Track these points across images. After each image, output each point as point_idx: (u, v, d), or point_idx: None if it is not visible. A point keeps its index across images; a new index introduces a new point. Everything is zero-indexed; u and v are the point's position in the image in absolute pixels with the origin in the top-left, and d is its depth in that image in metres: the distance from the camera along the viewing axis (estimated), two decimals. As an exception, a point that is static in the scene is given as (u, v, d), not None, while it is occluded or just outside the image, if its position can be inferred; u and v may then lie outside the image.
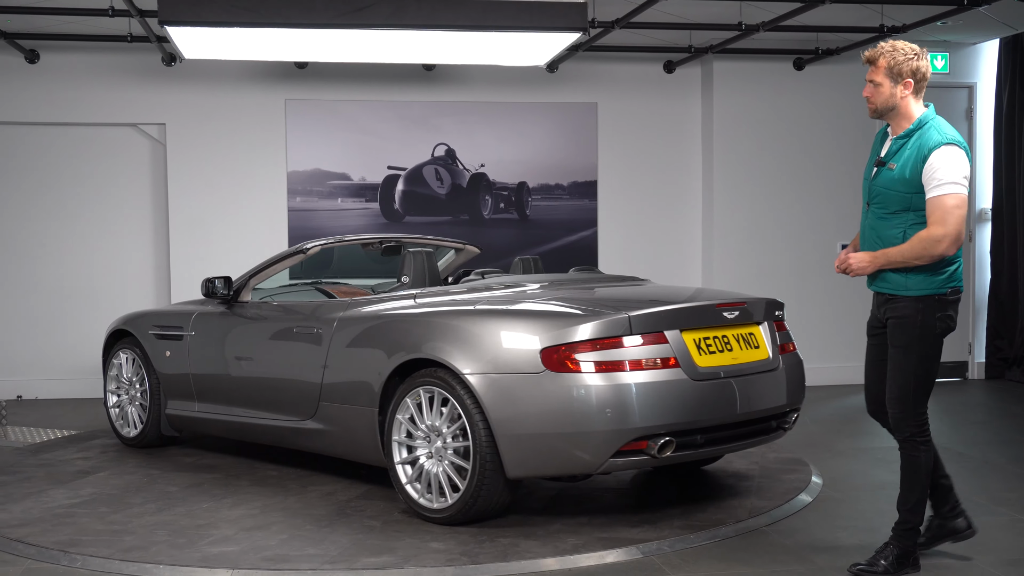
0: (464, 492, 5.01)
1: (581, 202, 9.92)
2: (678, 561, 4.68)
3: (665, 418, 4.87)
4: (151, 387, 6.93)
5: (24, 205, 9.38)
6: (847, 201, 9.91)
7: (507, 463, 4.94)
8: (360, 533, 5.07)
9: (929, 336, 4.32)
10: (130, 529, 5.17)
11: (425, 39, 7.16)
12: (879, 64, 4.33)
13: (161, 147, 9.46)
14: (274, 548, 4.86)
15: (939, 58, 9.94)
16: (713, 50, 9.24)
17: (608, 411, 4.78)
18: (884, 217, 4.35)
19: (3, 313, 9.34)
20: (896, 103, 4.32)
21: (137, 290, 9.46)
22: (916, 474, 4.42)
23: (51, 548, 4.85)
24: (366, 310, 5.73)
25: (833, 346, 9.89)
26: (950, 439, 7.35)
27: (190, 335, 6.69)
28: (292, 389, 5.97)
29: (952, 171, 4.20)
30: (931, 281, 4.28)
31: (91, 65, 9.22)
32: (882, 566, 4.41)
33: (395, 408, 5.29)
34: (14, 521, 5.31)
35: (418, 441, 5.23)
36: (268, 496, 5.82)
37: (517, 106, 9.79)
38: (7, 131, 9.32)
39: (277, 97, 9.46)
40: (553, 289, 5.70)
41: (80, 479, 6.22)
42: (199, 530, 5.15)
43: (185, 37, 7.07)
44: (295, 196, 9.49)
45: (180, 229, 9.36)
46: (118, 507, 5.59)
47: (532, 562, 4.62)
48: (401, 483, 5.29)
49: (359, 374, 5.56)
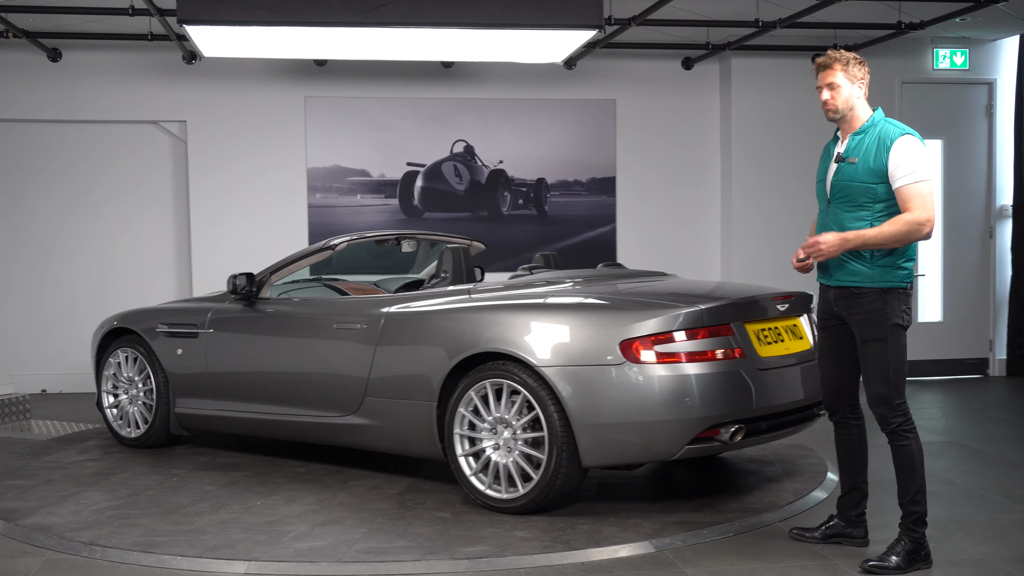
0: (539, 481, 5.11)
1: (599, 198, 9.93)
2: (691, 556, 4.69)
3: (736, 406, 5.07)
4: (158, 386, 6.77)
5: (47, 202, 9.48)
6: (866, 197, 9.89)
7: (583, 452, 5.06)
8: (437, 525, 5.13)
9: (899, 327, 4.44)
10: (200, 528, 5.10)
11: (442, 37, 7.20)
12: (835, 68, 4.54)
13: (182, 144, 9.54)
14: (362, 541, 4.87)
15: (959, 54, 9.90)
16: (731, 47, 9.24)
17: (687, 400, 4.95)
18: (849, 211, 4.47)
19: (29, 309, 9.44)
20: (853, 103, 4.52)
21: (159, 286, 9.54)
22: (911, 464, 4.50)
23: (132, 549, 4.78)
24: (416, 306, 5.77)
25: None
26: (968, 436, 7.33)
27: (207, 332, 6.59)
28: (333, 385, 5.96)
29: (920, 160, 4.36)
30: (895, 274, 4.42)
31: (113, 63, 9.31)
32: (894, 562, 4.43)
33: (457, 401, 5.37)
34: (73, 524, 5.17)
35: (483, 433, 5.31)
36: (314, 492, 5.80)
37: (536, 103, 9.81)
38: (30, 129, 9.43)
39: (297, 94, 9.53)
40: (592, 284, 5.79)
41: (103, 480, 6.10)
42: (272, 527, 5.11)
43: (204, 36, 7.14)
44: (315, 192, 9.55)
45: (201, 225, 9.44)
46: (169, 507, 5.49)
47: (612, 548, 4.75)
48: (465, 475, 5.36)
49: (415, 369, 5.59)
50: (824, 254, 4.41)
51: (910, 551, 4.46)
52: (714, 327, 5.10)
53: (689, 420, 4.96)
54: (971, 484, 5.98)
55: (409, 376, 5.62)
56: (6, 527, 5.12)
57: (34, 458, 6.71)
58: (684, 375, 4.96)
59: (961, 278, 10.10)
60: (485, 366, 5.32)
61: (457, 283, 5.97)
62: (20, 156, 9.46)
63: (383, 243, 6.98)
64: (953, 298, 10.10)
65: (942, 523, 5.15)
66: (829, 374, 4.77)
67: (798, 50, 9.66)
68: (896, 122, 4.49)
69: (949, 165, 10.06)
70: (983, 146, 10.10)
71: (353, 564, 4.58)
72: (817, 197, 4.69)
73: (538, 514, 5.21)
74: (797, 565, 4.55)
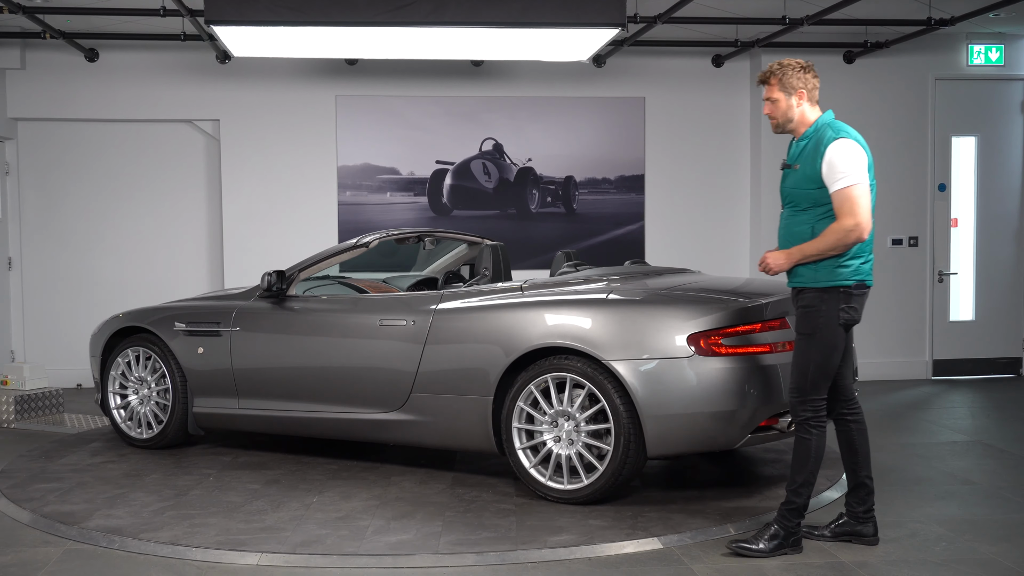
0: (604, 472, 5.28)
1: (628, 196, 9.95)
2: (698, 552, 4.72)
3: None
4: (174, 385, 6.66)
5: (84, 200, 9.67)
6: (899, 195, 9.83)
7: (650, 443, 5.22)
8: (508, 516, 5.24)
9: (831, 325, 4.55)
10: (277, 526, 5.10)
11: (468, 35, 7.26)
12: (772, 83, 4.70)
13: (215, 142, 9.68)
14: (445, 534, 4.96)
15: (994, 50, 9.79)
16: (760, 44, 9.20)
17: (752, 391, 5.16)
18: (795, 215, 4.65)
19: (64, 305, 9.64)
20: (793, 115, 4.67)
21: (191, 282, 9.70)
22: (806, 457, 4.62)
23: (221, 548, 4.75)
24: (467, 302, 5.85)
25: (882, 342, 9.82)
26: (994, 436, 7.28)
27: (233, 331, 6.52)
28: (377, 381, 5.99)
29: (850, 163, 4.47)
30: (837, 273, 4.52)
31: (148, 63, 9.47)
32: (760, 546, 4.60)
33: (516, 395, 5.50)
34: (140, 526, 5.11)
35: (543, 426, 5.45)
36: (363, 488, 5.86)
37: (565, 100, 9.85)
38: (68, 128, 9.62)
39: (328, 93, 9.63)
40: (630, 280, 5.90)
41: (137, 481, 6.02)
42: (345, 523, 5.15)
43: (232, 36, 7.25)
44: (345, 190, 9.66)
45: (233, 222, 9.57)
46: (229, 507, 5.45)
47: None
48: (525, 468, 5.51)
49: (469, 364, 5.69)
50: (773, 270, 4.62)
51: (777, 536, 4.63)
52: (770, 321, 5.36)
53: (753, 410, 5.18)
54: (990, 483, 5.95)
55: (463, 371, 5.72)
56: (70, 531, 5.10)
57: (48, 460, 6.60)
58: (748, 367, 5.18)
59: (994, 276, 10.00)
60: (545, 361, 5.46)
61: (496, 280, 6.16)
62: (57, 155, 9.65)
63: (404, 241, 7.04)
64: (985, 297, 10.00)
65: (955, 522, 5.14)
66: None
67: (829, 47, 9.61)
68: (839, 125, 4.61)
69: (983, 162, 9.96)
70: (1018, 143, 9.99)
71: (453, 556, 4.66)
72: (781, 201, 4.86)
73: (595, 504, 5.37)
74: (804, 563, 4.56)
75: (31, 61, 9.39)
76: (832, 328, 4.55)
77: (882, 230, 9.85)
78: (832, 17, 8.24)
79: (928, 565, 4.50)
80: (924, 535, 4.94)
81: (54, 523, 5.19)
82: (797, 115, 4.67)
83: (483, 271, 6.21)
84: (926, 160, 9.90)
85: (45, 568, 4.57)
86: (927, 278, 9.94)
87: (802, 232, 4.60)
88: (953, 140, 9.95)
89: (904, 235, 9.90)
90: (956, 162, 9.97)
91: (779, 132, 4.72)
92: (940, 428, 7.58)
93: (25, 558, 4.72)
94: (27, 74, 9.39)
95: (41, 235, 9.68)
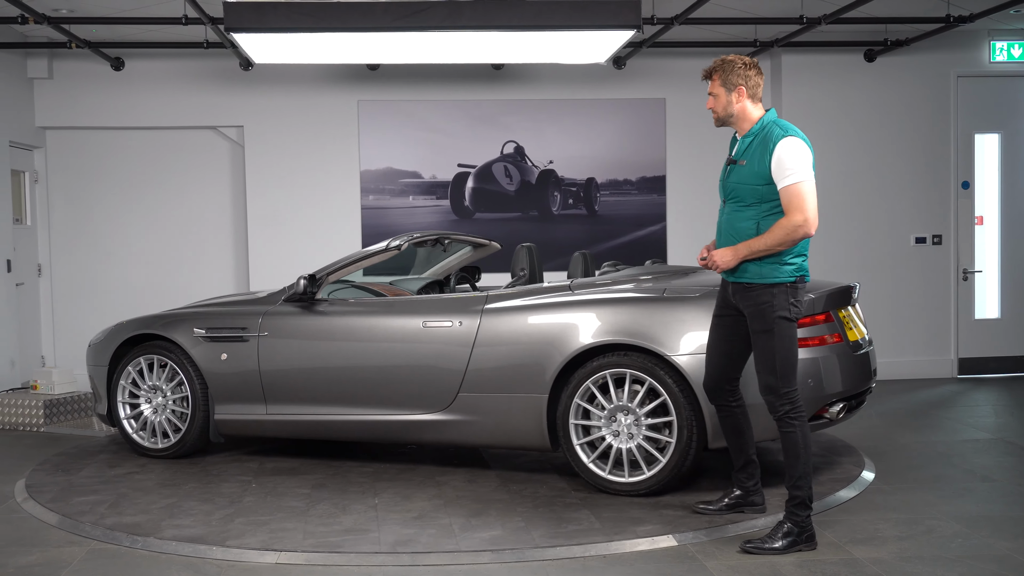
0: (667, 464, 5.46)
1: (650, 197, 9.97)
2: (713, 550, 4.74)
3: (841, 386, 5.58)
4: (194, 392, 6.52)
5: (111, 207, 9.82)
6: (922, 194, 9.79)
7: (712, 434, 5.42)
8: (582, 509, 5.36)
9: (786, 319, 4.67)
10: (356, 528, 5.10)
11: (486, 39, 7.31)
12: (714, 78, 4.84)
13: (240, 148, 9.79)
14: (532, 529, 5.04)
15: (1016, 47, 9.74)
16: (780, 43, 9.20)
17: (810, 381, 5.36)
18: (739, 210, 4.76)
19: (93, 310, 9.76)
20: (733, 110, 4.80)
21: (217, 286, 9.79)
22: (796, 449, 4.68)
23: (319, 551, 4.74)
24: (516, 303, 5.95)
25: (907, 341, 9.78)
26: (1016, 433, 7.24)
27: (260, 336, 6.45)
28: (421, 383, 6.02)
29: (798, 161, 4.58)
30: (781, 270, 4.67)
31: (173, 71, 9.60)
32: (775, 544, 4.64)
33: (573, 392, 5.64)
34: (219, 535, 5.02)
35: (601, 421, 5.59)
36: (415, 488, 5.87)
37: (585, 103, 9.88)
38: (95, 136, 9.76)
39: (350, 98, 9.72)
40: (675, 279, 6.07)
41: (177, 489, 5.92)
42: (425, 521, 5.19)
43: (252, 43, 7.33)
44: (368, 194, 9.73)
45: (258, 227, 9.67)
46: (295, 512, 5.42)
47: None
48: (584, 462, 5.63)
49: (523, 363, 5.78)
50: (720, 267, 4.73)
51: (791, 533, 4.66)
52: (822, 314, 5.57)
53: (810, 400, 5.37)
54: (1010, 481, 5.93)
55: (517, 370, 5.80)
56: (94, 530, 5.15)
57: (65, 473, 6.42)
58: (807, 358, 5.35)
59: (1019, 274, 9.93)
60: (603, 357, 5.59)
61: (532, 280, 6.37)
62: (84, 162, 9.80)
63: (424, 244, 7.10)
64: (1011, 294, 9.94)
65: (973, 518, 5.13)
66: (716, 362, 5.04)
67: (849, 46, 9.60)
68: (784, 123, 4.72)
69: (1006, 159, 9.90)
70: (1042, 140, 9.93)
71: (558, 548, 4.73)
72: (719, 196, 4.96)
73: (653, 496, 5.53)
74: (818, 559, 4.57)
75: (58, 71, 9.54)
76: (785, 321, 4.67)
77: (905, 228, 9.83)
78: (850, 16, 8.22)
79: (943, 561, 4.50)
80: (940, 531, 4.94)
81: (79, 523, 5.28)
82: (737, 110, 4.78)
83: (520, 272, 6.39)
84: (949, 158, 9.85)
85: (69, 567, 4.66)
86: (951, 276, 9.89)
87: (747, 228, 4.72)
88: (976, 137, 9.89)
89: (928, 233, 9.86)
90: (980, 159, 9.91)
91: (720, 126, 4.89)
92: (963, 426, 7.55)
93: (49, 557, 4.82)
94: (55, 83, 9.54)
95: (70, 242, 9.82)
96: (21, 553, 4.88)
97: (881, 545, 4.74)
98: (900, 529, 4.96)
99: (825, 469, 6.14)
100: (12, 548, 4.97)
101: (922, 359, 9.84)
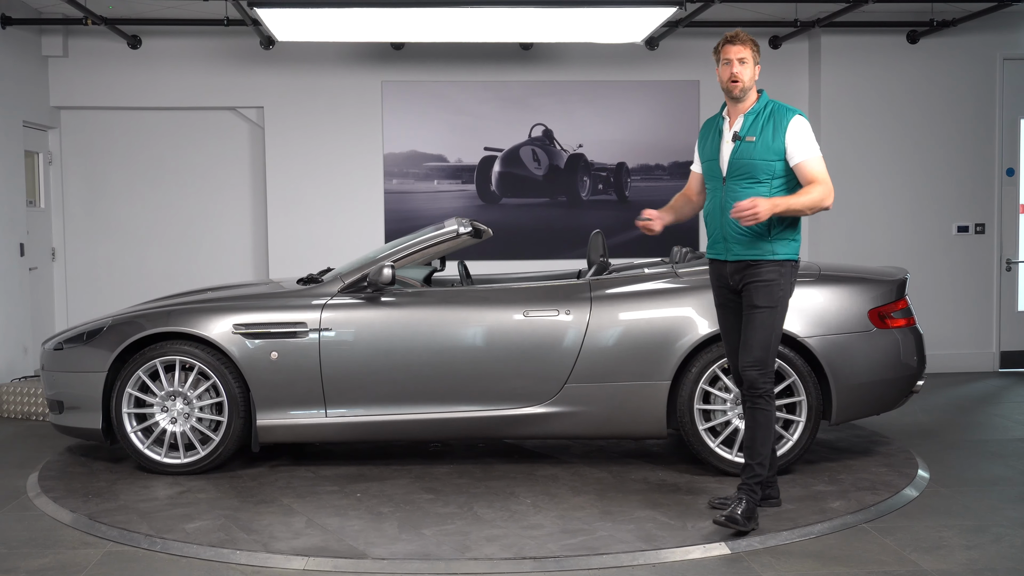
0: (796, 443, 5.70)
1: (682, 182, 9.57)
2: (769, 559, 4.45)
3: (924, 364, 6.03)
4: (231, 398, 5.81)
5: (127, 189, 9.55)
6: (965, 181, 9.46)
7: (836, 411, 5.73)
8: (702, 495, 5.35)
9: (788, 297, 4.82)
10: (502, 536, 4.78)
11: (519, 17, 7.01)
12: (747, 46, 4.78)
13: (259, 130, 9.51)
14: (678, 520, 4.94)
15: (1065, 28, 9.38)
16: (820, 24, 8.86)
17: (914, 358, 5.90)
18: (749, 187, 4.73)
19: (108, 294, 9.50)
20: (752, 84, 4.83)
21: (235, 270, 9.54)
22: (768, 428, 4.80)
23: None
24: (627, 288, 5.92)
25: (947, 333, 9.46)
26: (1071, 432, 6.95)
27: (323, 333, 5.85)
28: (524, 375, 5.79)
29: (812, 138, 4.75)
30: (790, 246, 4.79)
31: (191, 50, 9.31)
32: (740, 518, 4.65)
33: (698, 377, 5.71)
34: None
35: (727, 404, 5.71)
36: (524, 486, 5.61)
37: (617, 85, 9.56)
38: (111, 116, 9.48)
39: (374, 79, 9.42)
40: None
41: (195, 485, 5.60)
42: (565, 521, 4.97)
43: (277, 19, 7.06)
44: (391, 178, 9.44)
45: (277, 211, 9.40)
46: (393, 522, 5.01)
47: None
48: (710, 447, 5.72)
49: (643, 350, 5.76)
50: (760, 219, 4.57)
51: (752, 509, 4.72)
52: (903, 299, 5.97)
53: (910, 376, 5.91)
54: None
55: (636, 358, 5.77)
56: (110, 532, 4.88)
57: (79, 467, 6.07)
58: (909, 337, 5.89)
59: (1066, 265, 9.60)
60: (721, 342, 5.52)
61: (608, 265, 6.39)
62: (100, 143, 9.52)
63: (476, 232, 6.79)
64: (1057, 286, 9.61)
65: None
66: (734, 347, 5.00)
67: (892, 26, 9.25)
68: (783, 103, 4.84)
69: (1053, 146, 9.57)
70: (1090, 125, 9.58)
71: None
72: (707, 175, 4.94)
73: None
74: (881, 571, 4.28)
75: (73, 49, 9.25)
76: (788, 299, 4.81)
77: (947, 216, 9.50)
78: (897, -6, 7.89)
79: (1019, 574, 4.20)
80: (1009, 540, 4.65)
81: (94, 523, 5.02)
82: (752, 86, 4.81)
83: (599, 258, 6.41)
84: (993, 144, 9.51)
85: (84, 571, 4.41)
86: (994, 266, 9.56)
87: None
88: (1022, 123, 9.55)
89: (970, 222, 9.52)
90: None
91: (738, 96, 4.76)
92: (1013, 424, 7.24)
93: (63, 560, 4.56)
94: (70, 62, 9.26)
95: (84, 225, 9.56)
96: (34, 555, 4.62)
97: (948, 555, 4.45)
98: (967, 538, 4.67)
99: (880, 467, 5.87)
100: (25, 549, 4.70)
101: (963, 352, 9.52)
